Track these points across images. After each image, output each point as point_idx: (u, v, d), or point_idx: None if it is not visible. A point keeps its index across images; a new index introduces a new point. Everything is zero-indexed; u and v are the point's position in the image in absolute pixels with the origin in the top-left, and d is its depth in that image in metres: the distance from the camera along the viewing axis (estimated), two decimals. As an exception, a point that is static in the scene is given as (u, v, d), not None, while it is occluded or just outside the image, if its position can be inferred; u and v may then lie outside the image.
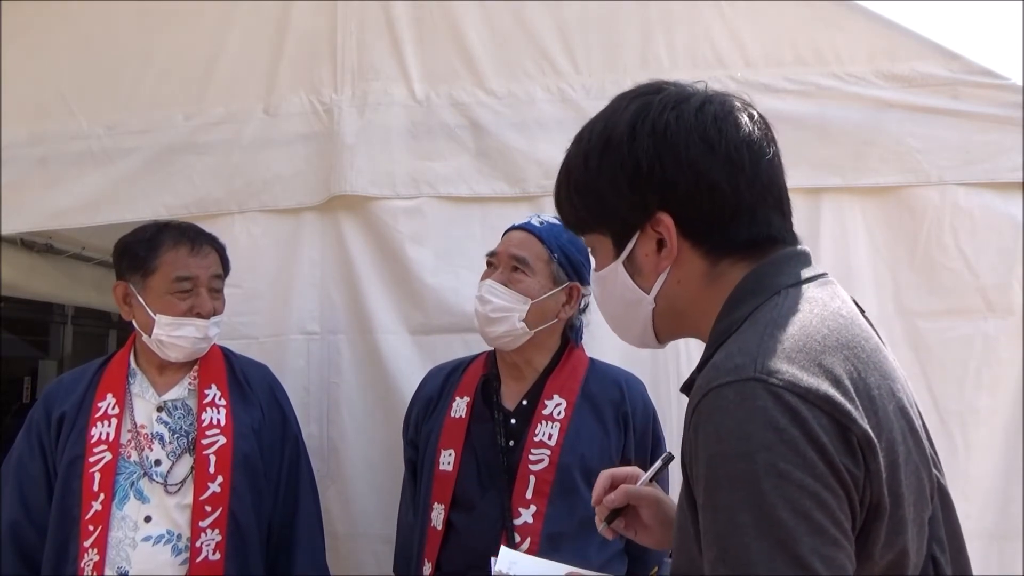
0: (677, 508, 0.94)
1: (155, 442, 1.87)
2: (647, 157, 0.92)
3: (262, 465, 1.94)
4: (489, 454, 1.83)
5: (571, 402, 1.83)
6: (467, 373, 1.97)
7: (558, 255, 1.84)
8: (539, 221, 1.90)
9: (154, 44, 2.43)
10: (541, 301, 1.83)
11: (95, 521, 1.78)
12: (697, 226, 0.93)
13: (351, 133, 2.30)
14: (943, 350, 2.10)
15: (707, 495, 0.79)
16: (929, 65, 2.14)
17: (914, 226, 2.15)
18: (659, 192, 0.93)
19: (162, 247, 1.88)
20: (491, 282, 1.84)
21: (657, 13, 2.25)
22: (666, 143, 0.92)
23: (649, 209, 0.93)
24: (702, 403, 0.82)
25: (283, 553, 1.96)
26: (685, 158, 0.92)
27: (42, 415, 1.90)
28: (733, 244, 0.94)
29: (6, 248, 3.31)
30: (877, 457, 0.79)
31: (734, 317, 0.91)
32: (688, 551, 0.87)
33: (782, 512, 0.75)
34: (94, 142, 2.42)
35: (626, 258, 0.98)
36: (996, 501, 2.08)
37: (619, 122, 0.95)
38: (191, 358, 1.93)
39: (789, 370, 0.79)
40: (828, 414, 0.78)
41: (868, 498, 0.80)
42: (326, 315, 2.34)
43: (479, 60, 2.30)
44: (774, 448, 0.76)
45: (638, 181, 0.93)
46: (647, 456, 1.85)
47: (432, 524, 1.83)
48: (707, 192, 0.92)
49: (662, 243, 0.95)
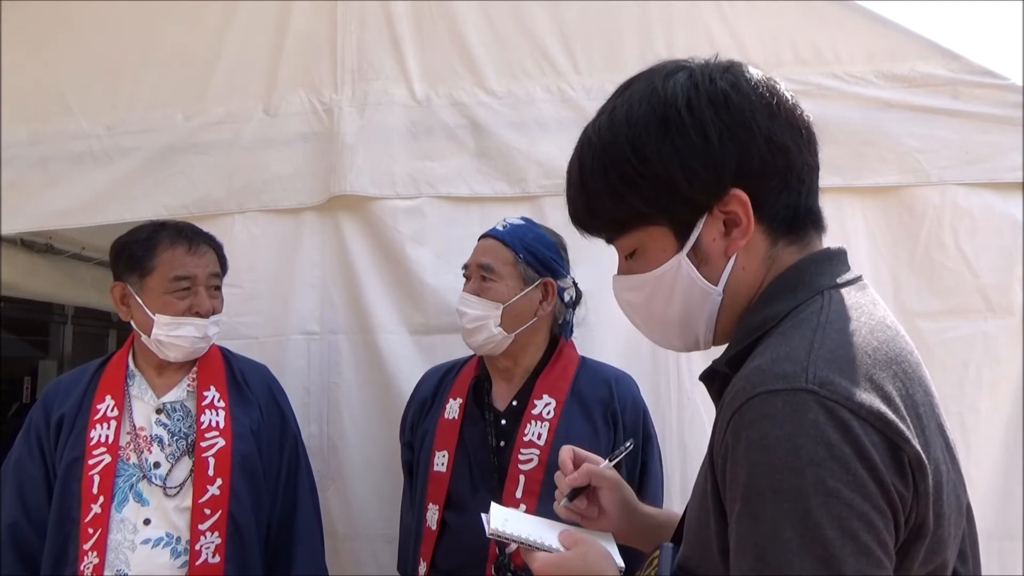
0: (693, 499, 0.93)
1: (154, 444, 1.87)
2: (715, 130, 0.87)
3: (261, 466, 1.94)
4: (481, 454, 1.84)
5: (560, 402, 1.84)
6: (460, 374, 1.98)
7: (523, 255, 1.86)
8: (502, 225, 1.91)
9: (154, 44, 2.43)
10: (513, 303, 1.84)
11: (95, 524, 1.77)
12: (768, 197, 0.89)
13: (351, 133, 2.30)
14: (943, 350, 2.10)
15: (747, 503, 0.77)
16: (929, 65, 2.14)
17: (914, 226, 2.15)
18: (734, 165, 0.88)
19: (159, 246, 1.87)
20: (464, 294, 1.89)
21: (657, 13, 2.25)
22: (730, 113, 0.88)
23: (723, 185, 0.88)
24: (746, 407, 0.78)
25: (282, 553, 1.96)
26: (754, 124, 0.88)
27: (41, 416, 1.90)
28: (795, 218, 0.92)
29: (6, 248, 3.31)
30: (927, 478, 0.78)
31: (770, 312, 0.88)
32: (703, 544, 0.86)
33: (829, 531, 0.73)
34: (94, 142, 2.42)
35: (691, 248, 0.91)
36: (996, 501, 2.07)
37: (668, 103, 0.89)
38: (190, 358, 1.93)
39: (842, 383, 0.76)
40: (880, 432, 0.76)
41: (913, 518, 0.78)
42: (326, 315, 2.34)
43: (479, 60, 2.30)
44: (824, 464, 0.73)
45: (711, 156, 0.87)
46: (638, 454, 1.86)
47: (427, 524, 1.85)
48: (780, 156, 0.89)
49: (729, 226, 0.90)
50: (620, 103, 0.94)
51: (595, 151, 0.94)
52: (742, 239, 0.90)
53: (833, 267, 0.93)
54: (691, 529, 0.92)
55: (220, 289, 1.97)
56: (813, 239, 0.96)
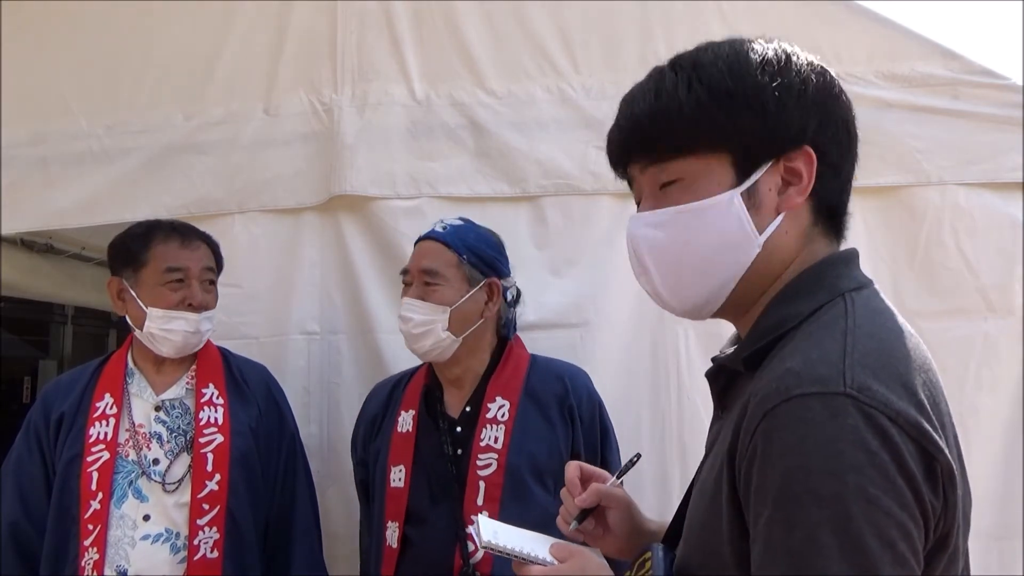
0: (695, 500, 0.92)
1: (153, 441, 1.88)
2: (812, 87, 0.89)
3: (259, 464, 1.94)
4: (438, 465, 1.81)
5: (514, 402, 1.81)
6: (410, 386, 1.95)
7: (467, 256, 1.84)
8: (442, 227, 1.89)
9: (154, 44, 2.43)
10: (460, 306, 1.82)
11: (94, 520, 1.78)
12: (828, 165, 0.90)
13: (351, 133, 2.30)
14: (943, 350, 2.09)
15: (780, 507, 0.76)
16: (929, 65, 2.14)
17: (914, 226, 2.15)
18: (816, 124, 0.89)
19: (153, 240, 1.91)
20: (408, 299, 1.85)
21: (657, 13, 2.25)
22: (826, 80, 0.91)
23: (805, 134, 0.88)
24: (779, 409, 0.77)
25: (280, 551, 1.96)
26: (840, 102, 0.92)
27: (40, 416, 1.91)
28: (838, 205, 0.94)
29: (6, 248, 3.31)
30: (956, 489, 0.77)
31: (790, 312, 0.87)
32: (710, 547, 0.85)
33: (869, 539, 0.72)
34: (94, 142, 2.42)
35: (746, 189, 0.89)
36: (996, 501, 2.07)
37: (768, 51, 0.90)
38: (183, 353, 1.93)
39: (880, 390, 0.76)
40: (916, 441, 0.75)
41: (940, 529, 0.78)
42: (326, 315, 2.34)
43: (479, 60, 2.30)
44: (865, 471, 0.73)
45: (803, 103, 0.88)
46: (596, 447, 1.84)
47: (387, 543, 1.81)
48: (847, 141, 0.92)
49: (786, 183, 0.89)
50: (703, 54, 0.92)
51: (684, 71, 0.90)
52: (799, 197, 0.89)
53: (850, 270, 0.93)
54: (693, 531, 0.91)
55: (214, 284, 1.98)
56: (835, 239, 0.96)
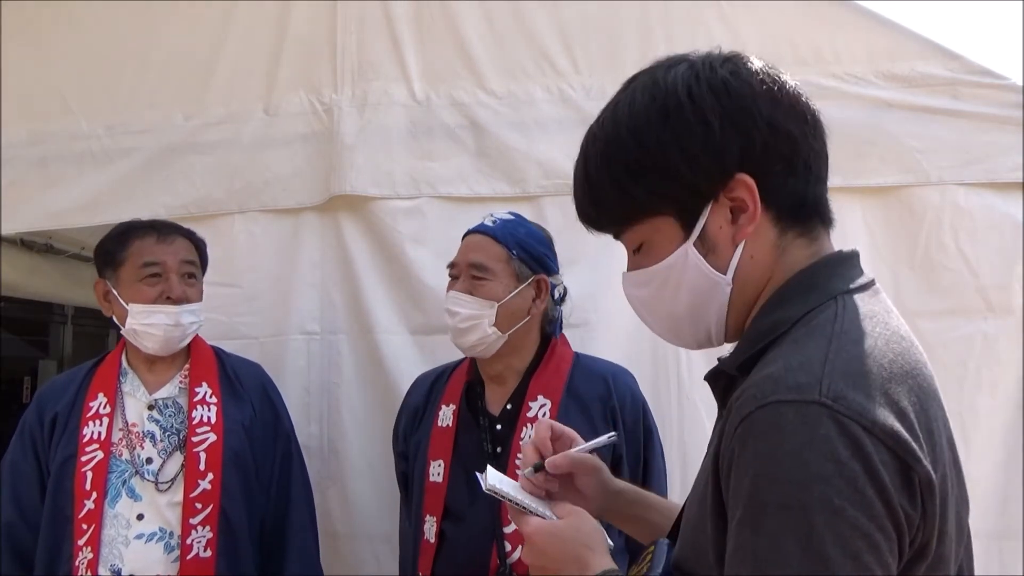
0: (692, 499, 0.92)
1: (146, 440, 1.88)
2: (716, 116, 0.87)
3: (253, 463, 1.94)
4: (477, 463, 1.79)
5: (556, 402, 1.78)
6: (452, 379, 1.92)
7: (516, 251, 1.81)
8: (492, 221, 1.86)
9: (154, 44, 2.43)
10: (508, 301, 1.78)
11: (88, 520, 1.79)
12: (774, 183, 0.89)
13: (351, 133, 2.30)
14: (943, 350, 2.09)
15: (748, 513, 0.76)
16: (929, 65, 2.14)
17: (914, 226, 2.15)
18: (737, 150, 0.87)
19: (130, 239, 1.92)
20: (455, 292, 1.81)
21: (657, 13, 2.24)
22: (731, 99, 0.88)
23: (728, 172, 0.88)
24: (755, 415, 0.77)
25: (275, 551, 1.96)
26: (755, 110, 0.88)
27: (35, 417, 1.92)
28: (802, 205, 0.92)
29: (6, 248, 3.32)
30: (935, 498, 0.76)
31: (782, 316, 0.87)
32: (699, 546, 0.86)
33: (831, 550, 0.72)
34: (94, 142, 2.42)
35: (697, 237, 0.90)
36: (996, 501, 2.07)
37: (668, 92, 0.89)
38: (169, 348, 1.92)
39: (856, 398, 0.75)
40: (891, 450, 0.74)
41: (919, 539, 0.77)
42: (326, 315, 2.34)
43: (479, 60, 2.30)
44: (831, 481, 0.72)
45: (712, 143, 0.87)
46: (640, 449, 1.83)
47: (425, 536, 1.80)
48: (784, 142, 0.89)
49: (736, 213, 0.89)
50: (623, 97, 0.94)
51: (599, 144, 0.94)
52: (749, 225, 0.89)
53: (846, 271, 0.92)
54: (688, 529, 0.91)
55: (195, 278, 1.97)
56: (820, 233, 0.95)
